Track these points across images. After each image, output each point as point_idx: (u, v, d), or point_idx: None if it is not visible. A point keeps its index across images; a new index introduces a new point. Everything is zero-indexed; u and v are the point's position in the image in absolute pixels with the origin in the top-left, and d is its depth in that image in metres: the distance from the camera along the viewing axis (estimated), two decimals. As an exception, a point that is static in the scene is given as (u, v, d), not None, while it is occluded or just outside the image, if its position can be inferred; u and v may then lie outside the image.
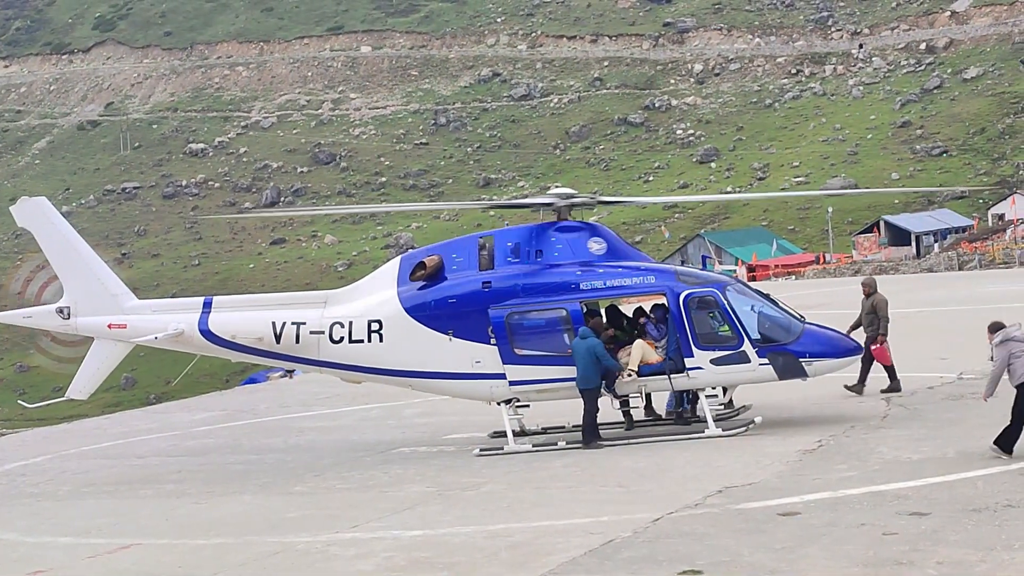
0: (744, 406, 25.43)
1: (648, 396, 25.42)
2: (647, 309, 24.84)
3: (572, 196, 25.47)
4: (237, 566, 16.64)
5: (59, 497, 23.86)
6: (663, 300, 24.17)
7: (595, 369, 23.36)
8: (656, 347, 24.03)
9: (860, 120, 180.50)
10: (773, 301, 24.46)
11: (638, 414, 25.52)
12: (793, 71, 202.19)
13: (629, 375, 23.94)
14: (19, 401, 49.55)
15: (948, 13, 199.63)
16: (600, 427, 24.04)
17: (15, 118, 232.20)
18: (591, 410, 23.65)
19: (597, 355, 23.24)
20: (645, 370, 23.84)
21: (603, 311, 25.33)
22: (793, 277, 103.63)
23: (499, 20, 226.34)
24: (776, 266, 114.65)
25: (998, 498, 16.65)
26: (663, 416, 25.65)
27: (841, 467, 19.51)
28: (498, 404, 24.54)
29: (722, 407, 24.95)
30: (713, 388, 23.72)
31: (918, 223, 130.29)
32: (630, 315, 25.52)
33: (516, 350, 24.00)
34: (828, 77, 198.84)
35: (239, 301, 27.00)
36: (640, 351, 23.80)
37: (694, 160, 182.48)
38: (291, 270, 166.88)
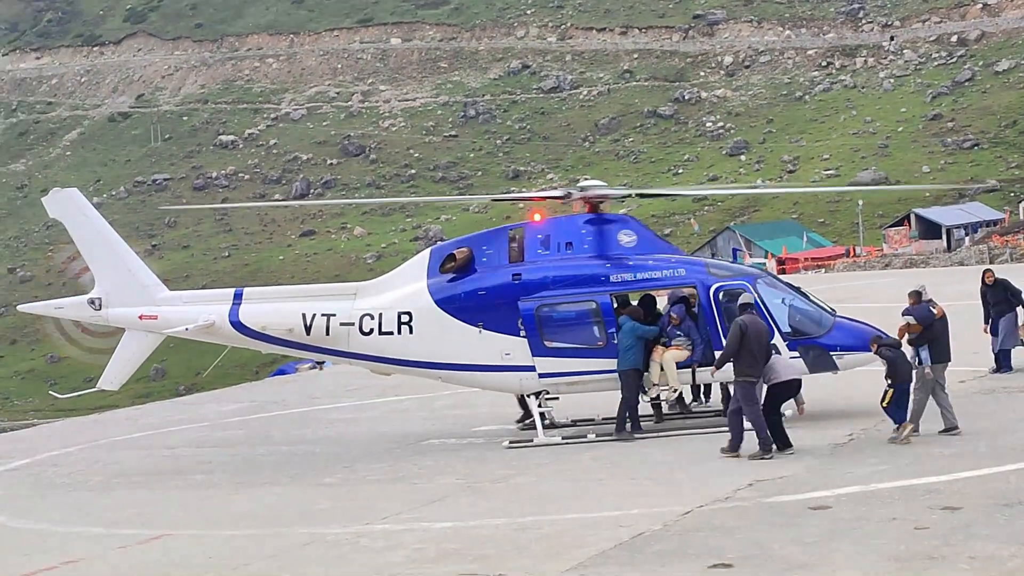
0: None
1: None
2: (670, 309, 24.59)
3: (598, 188, 25.39)
4: (267, 557, 16.68)
5: (90, 487, 23.97)
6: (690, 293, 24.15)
7: (637, 348, 23.18)
8: (681, 347, 23.83)
9: (891, 113, 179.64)
10: (804, 294, 24.37)
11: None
12: (823, 63, 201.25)
13: (675, 392, 23.95)
14: (50, 391, 49.79)
15: (980, 5, 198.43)
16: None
17: (46, 109, 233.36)
18: (630, 398, 23.52)
19: (637, 334, 23.16)
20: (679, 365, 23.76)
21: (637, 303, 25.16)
22: (823, 270, 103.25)
23: (529, 12, 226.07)
24: (806, 259, 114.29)
25: (1031, 493, 16.55)
26: (692, 409, 25.63)
27: (872, 461, 19.43)
28: (527, 397, 24.52)
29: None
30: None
31: (949, 216, 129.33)
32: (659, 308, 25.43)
33: (546, 342, 23.95)
34: (859, 70, 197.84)
35: (269, 293, 27.09)
36: (673, 366, 23.56)
37: (724, 152, 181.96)
38: (320, 262, 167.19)
